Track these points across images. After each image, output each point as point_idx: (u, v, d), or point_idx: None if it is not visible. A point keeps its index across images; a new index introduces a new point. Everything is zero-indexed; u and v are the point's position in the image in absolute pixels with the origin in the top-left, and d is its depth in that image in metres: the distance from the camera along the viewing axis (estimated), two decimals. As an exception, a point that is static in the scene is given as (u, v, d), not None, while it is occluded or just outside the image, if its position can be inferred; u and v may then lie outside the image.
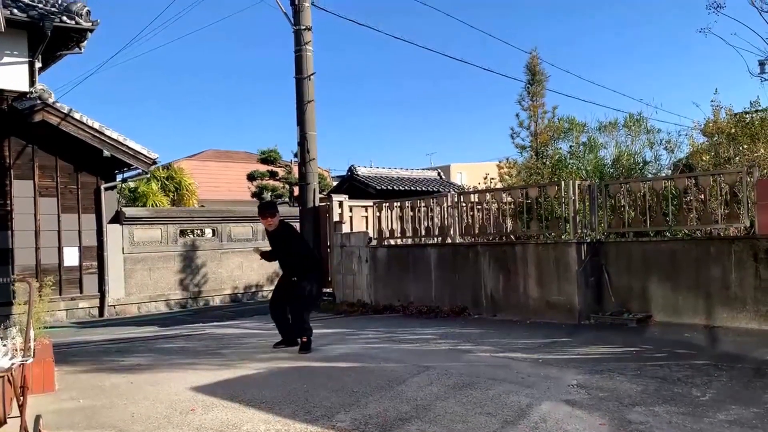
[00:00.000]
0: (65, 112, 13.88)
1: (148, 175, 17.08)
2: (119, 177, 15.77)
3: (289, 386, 5.41)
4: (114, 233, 15.30)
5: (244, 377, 5.94)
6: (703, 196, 8.51)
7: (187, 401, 5.04)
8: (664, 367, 5.72)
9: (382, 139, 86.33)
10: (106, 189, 15.15)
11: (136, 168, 15.35)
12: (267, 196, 24.39)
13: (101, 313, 14.91)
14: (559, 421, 4.21)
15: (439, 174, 25.47)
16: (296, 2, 12.62)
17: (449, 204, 10.92)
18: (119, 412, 4.80)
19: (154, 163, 15.77)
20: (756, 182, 7.54)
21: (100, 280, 14.97)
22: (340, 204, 13.22)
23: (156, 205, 19.74)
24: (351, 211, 13.46)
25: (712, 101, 12.82)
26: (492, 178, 16.21)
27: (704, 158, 11.67)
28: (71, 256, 14.64)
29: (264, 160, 24.78)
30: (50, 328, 7.30)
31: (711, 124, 12.27)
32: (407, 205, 11.84)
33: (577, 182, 9.23)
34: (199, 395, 5.23)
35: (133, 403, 5.03)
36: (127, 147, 14.76)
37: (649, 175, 12.31)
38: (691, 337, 7.22)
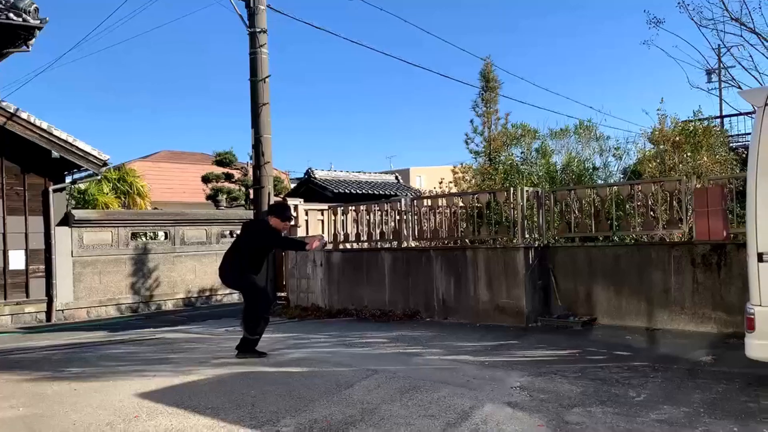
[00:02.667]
0: (11, 111, 13.51)
1: (99, 177, 16.71)
2: (69, 178, 15.42)
3: (237, 392, 5.40)
4: (63, 236, 14.94)
5: (191, 383, 5.90)
6: (647, 203, 8.81)
7: (131, 408, 4.98)
8: (605, 369, 5.92)
9: (343, 141, 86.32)
10: (55, 191, 14.79)
11: (87, 169, 15.03)
12: (222, 198, 24.11)
13: (49, 318, 14.54)
14: (500, 423, 4.33)
15: (396, 178, 25.62)
16: (251, 5, 12.54)
17: (403, 208, 11.02)
18: (60, 420, 4.72)
19: (105, 164, 15.47)
20: (693, 190, 7.84)
21: (48, 284, 14.60)
22: (296, 208, 13.17)
23: (107, 208, 19.33)
24: (307, 214, 13.43)
25: (658, 110, 13.27)
26: (450, 182, 16.38)
27: (651, 165, 12.01)
28: (17, 260, 14.24)
29: (219, 162, 24.47)
30: (-8, 334, 7.11)
31: (657, 132, 12.66)
32: (362, 209, 11.89)
33: (526, 188, 9.44)
34: (144, 402, 5.17)
35: (76, 411, 4.95)
36: (77, 148, 14.45)
37: (599, 181, 12.64)
38: (632, 339, 7.47)
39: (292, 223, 7.33)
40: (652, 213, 8.79)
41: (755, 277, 4.70)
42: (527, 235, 9.16)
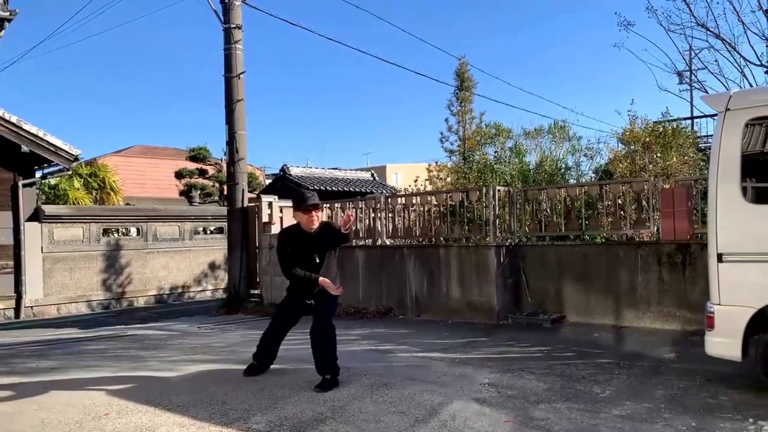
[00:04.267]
0: (-21, 104, 13.27)
1: (70, 172, 16.50)
2: (39, 173, 15.24)
3: (209, 389, 5.40)
4: (32, 231, 14.74)
5: (162, 380, 5.89)
6: (616, 203, 8.97)
7: (101, 406, 4.97)
8: (571, 366, 6.04)
9: (320, 137, 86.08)
10: (25, 186, 14.61)
11: (57, 164, 14.86)
12: (195, 194, 23.93)
13: (17, 315, 14.35)
14: (468, 419, 4.41)
15: (372, 175, 25.62)
16: (226, 0, 12.48)
17: (378, 206, 11.08)
18: (29, 418, 4.69)
19: (77, 159, 15.30)
20: (660, 191, 8.02)
21: (17, 280, 14.42)
22: (270, 205, 13.17)
23: (78, 203, 19.08)
24: (281, 211, 13.42)
25: (628, 111, 13.53)
26: (426, 179, 16.50)
27: (622, 165, 12.21)
28: (-15, 256, 14.03)
29: (193, 158, 24.28)
30: (-42, 331, 7.01)
31: (628, 133, 12.89)
32: (337, 206, 11.92)
33: (498, 188, 9.56)
34: (114, 399, 5.16)
35: (45, 409, 4.92)
36: (48, 142, 14.26)
37: (572, 181, 12.83)
38: (599, 336, 7.63)
39: (321, 212, 5.72)
40: (621, 213, 8.95)
41: (715, 276, 4.85)
42: (499, 234, 9.28)
